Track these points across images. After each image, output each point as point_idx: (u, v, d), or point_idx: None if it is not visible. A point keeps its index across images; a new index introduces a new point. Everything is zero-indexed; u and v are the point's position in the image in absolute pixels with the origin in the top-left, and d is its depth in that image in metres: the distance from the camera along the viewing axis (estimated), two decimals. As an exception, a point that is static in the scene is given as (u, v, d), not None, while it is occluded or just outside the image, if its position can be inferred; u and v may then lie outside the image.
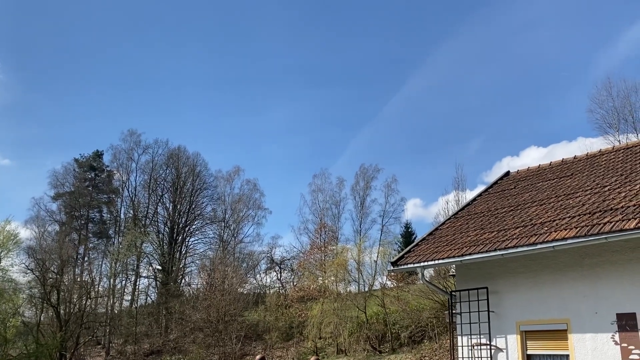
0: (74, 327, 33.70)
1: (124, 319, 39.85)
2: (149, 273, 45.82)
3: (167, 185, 49.49)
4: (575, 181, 11.86)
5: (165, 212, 49.06)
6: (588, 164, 12.79)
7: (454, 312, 11.63)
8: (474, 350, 10.93)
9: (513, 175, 15.06)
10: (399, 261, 11.75)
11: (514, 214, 11.36)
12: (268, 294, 37.07)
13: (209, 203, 50.18)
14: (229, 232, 48.47)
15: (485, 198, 13.90)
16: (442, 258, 10.77)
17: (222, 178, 50.35)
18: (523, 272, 10.36)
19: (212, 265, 38.10)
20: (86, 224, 51.43)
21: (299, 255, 39.33)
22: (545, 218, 10.14)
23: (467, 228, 11.84)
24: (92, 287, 39.14)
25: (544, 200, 11.37)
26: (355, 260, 31.02)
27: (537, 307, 10.06)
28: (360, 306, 28.03)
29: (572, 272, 9.63)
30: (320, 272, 32.77)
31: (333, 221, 43.20)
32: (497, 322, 10.66)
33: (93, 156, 53.61)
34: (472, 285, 11.16)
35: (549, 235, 9.17)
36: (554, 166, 13.94)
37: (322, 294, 29.41)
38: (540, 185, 12.72)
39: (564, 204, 10.50)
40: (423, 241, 12.30)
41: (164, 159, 49.78)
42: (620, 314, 8.88)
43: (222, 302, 31.91)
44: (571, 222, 9.29)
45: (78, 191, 51.22)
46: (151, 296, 45.46)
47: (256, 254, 45.46)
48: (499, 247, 9.79)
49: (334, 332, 27.35)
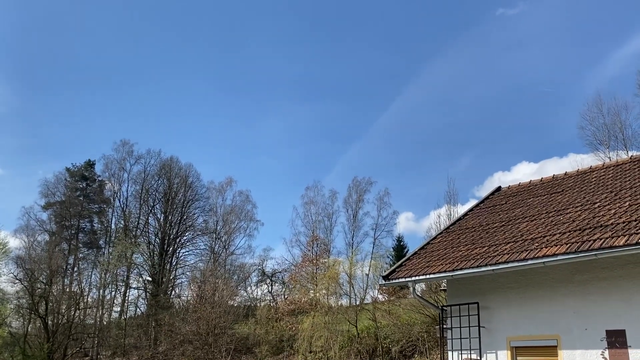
0: (62, 338, 33.32)
1: (113, 331, 39.45)
2: (138, 284, 45.48)
3: (159, 195, 49.36)
4: (565, 197, 11.95)
5: (156, 223, 48.88)
6: (579, 181, 12.89)
7: (445, 327, 11.62)
8: (464, 365, 10.91)
9: (504, 190, 15.14)
10: (390, 275, 11.75)
11: (505, 230, 11.41)
12: (259, 307, 36.88)
13: (200, 214, 50.10)
14: (220, 244, 48.34)
15: (476, 213, 13.96)
16: (433, 273, 10.79)
17: (214, 189, 50.36)
18: (514, 288, 10.39)
19: (203, 277, 37.90)
20: (76, 234, 51.07)
21: (291, 268, 39.21)
22: (536, 234, 10.20)
23: (458, 243, 11.88)
24: (81, 298, 38.81)
25: (535, 216, 11.44)
26: (347, 274, 30.98)
27: (527, 322, 10.08)
28: (352, 320, 27.93)
29: (563, 288, 9.67)
30: (311, 285, 32.66)
31: (325, 234, 43.27)
32: (488, 337, 10.66)
33: (85, 166, 53.39)
34: (463, 300, 11.17)
35: (540, 251, 9.22)
36: (545, 182, 14.04)
37: (313, 307, 29.27)
38: (532, 201, 12.80)
39: (555, 220, 10.56)
40: (415, 255, 12.31)
41: (156, 169, 49.73)
42: (609, 331, 8.92)
43: (212, 315, 31.69)
44: (561, 239, 9.34)
45: (69, 201, 50.91)
46: (141, 308, 45.12)
47: (247, 266, 45.33)
48: (490, 262, 9.82)
49: (325, 346, 27.19)
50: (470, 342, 10.85)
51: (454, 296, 11.50)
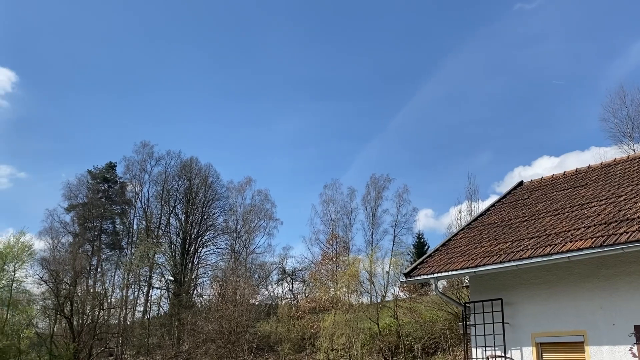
0: (87, 338, 33.80)
1: (137, 330, 39.92)
2: (161, 284, 46.00)
3: (180, 196, 49.78)
4: (589, 191, 11.74)
5: (177, 223, 49.30)
6: (603, 174, 12.66)
7: (468, 324, 11.51)
8: (488, 362, 10.80)
9: (526, 185, 14.95)
10: (412, 272, 11.67)
11: (528, 224, 11.26)
12: (280, 305, 37.01)
13: (220, 214, 50.44)
14: (240, 243, 48.61)
15: (498, 208, 13.80)
16: (455, 269, 10.69)
17: (233, 189, 50.62)
18: (538, 283, 10.25)
19: (224, 276, 38.13)
20: (99, 235, 51.76)
21: (311, 266, 39.33)
22: (560, 228, 10.04)
23: (480, 239, 11.76)
24: (105, 298, 39.33)
25: (559, 210, 11.27)
26: (367, 271, 30.92)
27: (552, 318, 9.94)
28: (373, 317, 27.85)
29: (588, 283, 9.51)
30: (332, 283, 32.66)
31: (344, 232, 43.25)
32: (512, 333, 10.53)
33: (106, 168, 54.05)
34: (487, 297, 11.05)
35: (564, 245, 9.07)
36: (568, 176, 13.82)
37: (334, 305, 29.27)
38: (555, 195, 12.61)
39: (579, 214, 10.39)
40: (436, 252, 12.22)
41: (177, 170, 50.15)
42: (638, 326, 8.74)
43: (234, 313, 31.87)
44: (586, 233, 9.19)
45: (91, 202, 51.63)
46: (163, 307, 45.59)
47: (268, 264, 45.54)
48: (513, 257, 9.70)
49: (347, 343, 27.17)
50: (494, 339, 10.74)
51: (477, 292, 11.38)
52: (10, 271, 32.59)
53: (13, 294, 32.47)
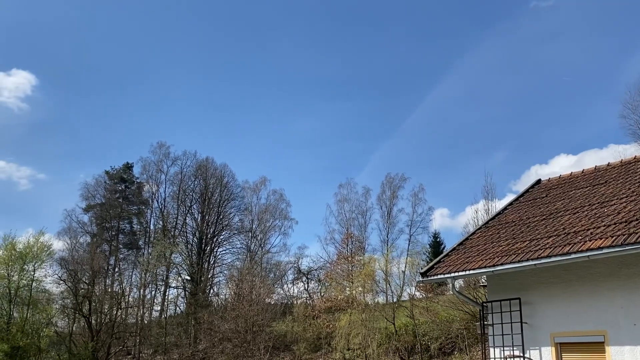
0: (105, 337, 34.18)
1: (154, 329, 40.25)
2: (178, 283, 46.30)
3: (196, 196, 50.10)
4: (609, 189, 11.57)
5: (193, 222, 49.64)
6: (623, 171, 12.47)
7: (486, 324, 11.42)
8: (507, 362, 10.70)
9: (544, 183, 14.78)
10: (428, 272, 11.61)
11: (546, 223, 11.13)
12: (295, 305, 37.05)
13: (236, 213, 50.66)
14: (256, 243, 48.79)
15: (516, 207, 13.66)
16: (473, 268, 10.61)
17: (249, 188, 50.82)
18: (557, 283, 10.13)
19: (240, 276, 38.27)
20: (117, 235, 52.28)
21: (326, 266, 39.31)
22: (579, 227, 9.91)
23: (498, 238, 11.65)
24: (123, 298, 39.69)
25: (578, 209, 11.12)
26: (383, 271, 30.84)
27: (572, 318, 9.81)
28: (389, 317, 27.77)
29: (609, 283, 9.37)
30: (347, 282, 32.62)
31: (359, 231, 43.18)
32: (531, 333, 10.42)
33: (123, 168, 54.56)
34: (504, 296, 10.94)
35: (584, 244, 8.95)
36: (586, 174, 13.63)
37: (349, 305, 29.23)
38: (573, 194, 12.45)
39: (599, 213, 10.25)
40: (453, 251, 12.13)
41: (193, 170, 50.48)
42: (660, 326, 8.60)
43: (250, 313, 31.99)
44: (606, 231, 9.05)
45: (109, 203, 52.16)
46: (180, 306, 45.95)
47: (283, 264, 45.63)
48: (531, 257, 9.59)
49: (363, 343, 27.12)
50: (512, 339, 10.63)
51: (495, 292, 11.28)
52: (30, 271, 33.07)
53: (33, 294, 32.93)
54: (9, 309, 31.70)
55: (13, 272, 32.37)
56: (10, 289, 31.85)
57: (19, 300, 32.23)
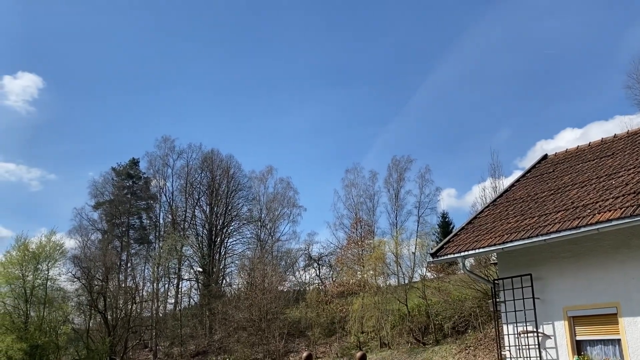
0: (122, 331, 34.61)
1: (169, 322, 40.66)
2: (190, 276, 46.66)
3: (203, 188, 50.22)
4: (616, 161, 11.52)
5: (202, 215, 49.81)
6: (629, 142, 12.40)
7: (498, 301, 11.47)
8: (520, 338, 10.77)
9: (551, 158, 14.72)
10: (438, 252, 11.65)
11: (554, 198, 11.11)
12: (308, 291, 37.27)
13: (244, 204, 50.72)
14: (265, 232, 48.93)
15: (523, 183, 13.64)
16: (483, 247, 10.63)
17: (255, 178, 50.84)
18: (567, 257, 10.14)
19: (252, 265, 38.51)
20: (127, 231, 52.60)
21: (336, 251, 39.41)
22: (587, 200, 9.90)
23: (507, 215, 11.65)
24: (137, 292, 40.12)
25: (585, 182, 11.09)
26: (393, 253, 30.91)
27: (584, 291, 9.83)
28: (401, 299, 27.91)
29: (619, 255, 9.36)
30: (358, 266, 32.76)
31: (368, 215, 43.13)
32: (543, 308, 10.46)
33: (129, 164, 54.69)
34: (515, 273, 10.97)
35: (593, 217, 8.95)
36: (593, 147, 13.57)
37: (361, 289, 29.39)
38: (580, 167, 12.41)
39: (607, 185, 10.22)
40: (462, 230, 12.15)
41: (199, 162, 50.52)
42: (672, 295, 8.61)
43: (263, 301, 32.25)
44: (615, 203, 9.04)
45: (117, 199, 52.42)
46: (194, 298, 46.31)
47: (294, 251, 45.79)
48: (541, 232, 9.60)
49: (376, 326, 27.31)
50: (525, 314, 10.68)
51: (506, 269, 11.31)
52: (44, 270, 33.41)
53: (48, 292, 33.30)
54: (25, 308, 32.10)
55: (27, 272, 32.71)
56: (26, 288, 32.22)
57: (35, 300, 32.61)
